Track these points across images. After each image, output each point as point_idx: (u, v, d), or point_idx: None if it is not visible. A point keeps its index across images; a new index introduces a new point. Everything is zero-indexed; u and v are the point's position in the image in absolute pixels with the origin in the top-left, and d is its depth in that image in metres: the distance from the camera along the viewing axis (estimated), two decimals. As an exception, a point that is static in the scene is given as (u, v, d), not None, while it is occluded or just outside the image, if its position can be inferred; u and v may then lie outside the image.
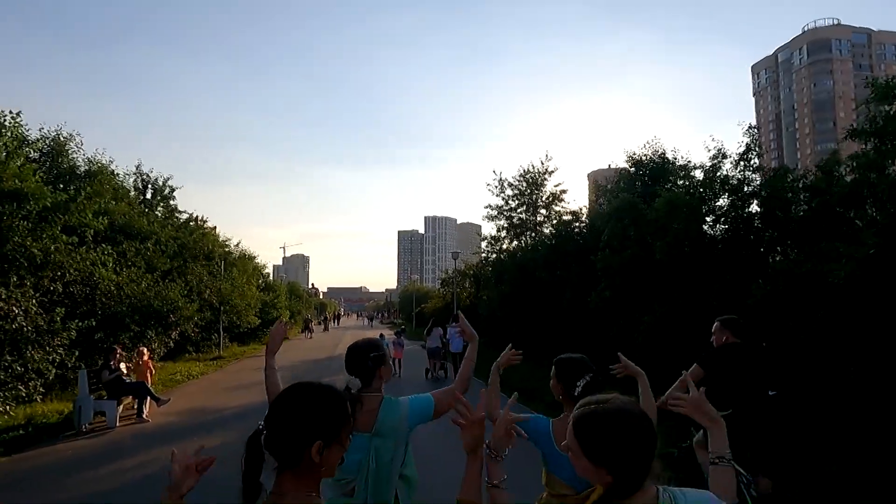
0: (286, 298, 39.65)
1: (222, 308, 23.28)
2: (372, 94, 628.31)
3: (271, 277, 45.48)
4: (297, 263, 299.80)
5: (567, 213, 26.42)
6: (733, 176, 11.59)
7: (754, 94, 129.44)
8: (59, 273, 10.38)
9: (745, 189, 11.11)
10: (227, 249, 29.23)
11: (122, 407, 10.56)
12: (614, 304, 12.73)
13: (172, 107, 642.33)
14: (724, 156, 12.38)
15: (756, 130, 12.52)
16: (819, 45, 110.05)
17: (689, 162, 12.62)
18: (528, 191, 29.70)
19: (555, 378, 2.63)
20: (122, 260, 14.12)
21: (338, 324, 66.53)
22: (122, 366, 10.64)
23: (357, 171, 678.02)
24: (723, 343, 4.96)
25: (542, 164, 29.48)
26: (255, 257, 34.03)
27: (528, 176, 29.66)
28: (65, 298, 12.65)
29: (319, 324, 56.97)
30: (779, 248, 11.69)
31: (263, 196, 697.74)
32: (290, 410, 1.43)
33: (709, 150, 12.58)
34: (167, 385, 14.29)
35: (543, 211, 29.73)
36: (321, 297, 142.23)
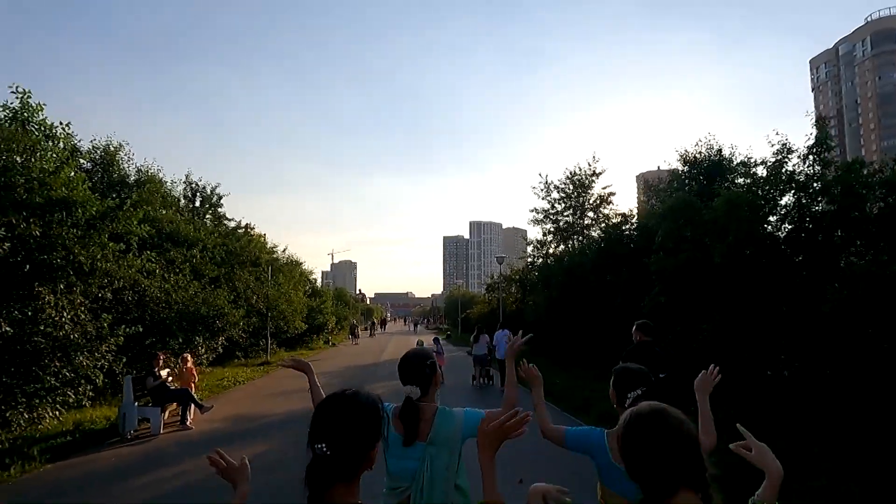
0: (332, 304, 39.97)
1: (269, 314, 23.51)
2: (418, 102, 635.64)
3: (319, 283, 45.95)
4: (345, 270, 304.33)
5: (617, 214, 25.52)
6: (801, 171, 10.75)
7: (813, 90, 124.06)
8: (106, 280, 10.49)
9: (815, 185, 10.25)
10: (274, 255, 29.62)
11: (167, 413, 10.60)
12: (669, 309, 12.03)
13: (225, 118, 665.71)
14: (790, 150, 11.56)
15: (827, 122, 11.62)
16: (884, 35, 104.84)
17: (750, 158, 11.81)
18: (575, 193, 28.97)
19: (611, 386, 2.63)
20: (170, 267, 14.31)
21: (384, 329, 67.45)
22: (166, 372, 10.68)
23: (403, 178, 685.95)
24: (637, 341, 6.37)
25: (590, 165, 28.72)
26: (301, 263, 34.42)
27: (574, 178, 28.95)
28: (117, 305, 12.89)
29: (366, 329, 57.49)
30: (852, 248, 10.79)
31: (313, 204, 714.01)
32: (352, 421, 1.42)
33: (772, 145, 11.79)
34: (214, 391, 14.39)
35: (591, 214, 28.95)
36: (368, 302, 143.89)
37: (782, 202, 11.49)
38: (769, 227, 11.09)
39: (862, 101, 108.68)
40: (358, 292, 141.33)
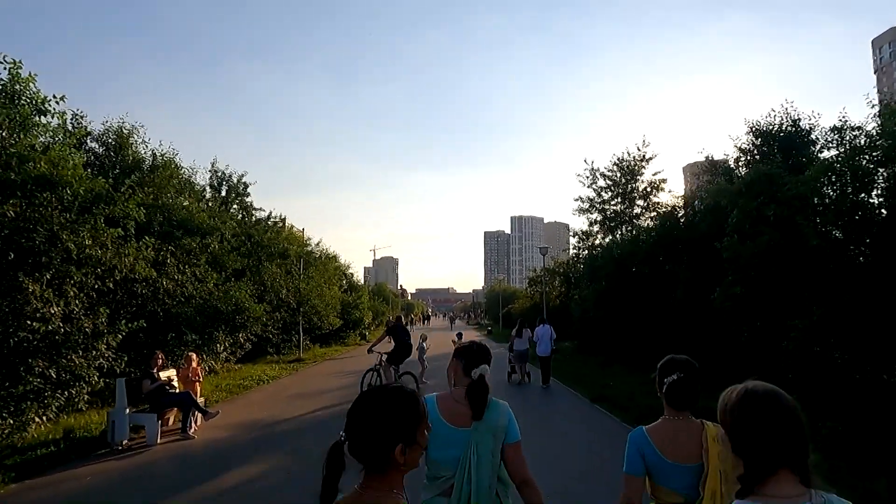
0: (369, 299, 38.87)
1: (301, 309, 22.49)
2: (459, 97, 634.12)
3: (361, 279, 44.79)
4: (387, 265, 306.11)
5: (676, 197, 23.58)
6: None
7: (876, 72, 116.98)
8: (100, 270, 9.39)
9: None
10: (307, 248, 28.65)
11: (171, 419, 9.49)
12: (747, 302, 10.20)
13: (271, 117, 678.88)
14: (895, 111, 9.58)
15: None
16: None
17: (845, 121, 9.84)
18: (623, 180, 27.16)
19: (656, 378, 2.51)
20: (186, 258, 13.27)
21: (428, 324, 69.03)
22: (171, 374, 9.55)
23: (444, 174, 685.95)
24: (394, 323, 13.74)
25: (639, 150, 26.84)
26: (336, 257, 33.38)
27: (623, 164, 27.15)
28: (129, 299, 11.92)
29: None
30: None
31: (355, 201, 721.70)
32: (369, 417, 1.44)
33: (872, 105, 9.84)
34: (233, 391, 13.28)
35: (641, 202, 27.06)
36: (409, 297, 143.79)
37: (881, 174, 9.51)
38: (876, 202, 9.13)
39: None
40: (399, 288, 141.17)
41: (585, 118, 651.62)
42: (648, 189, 26.92)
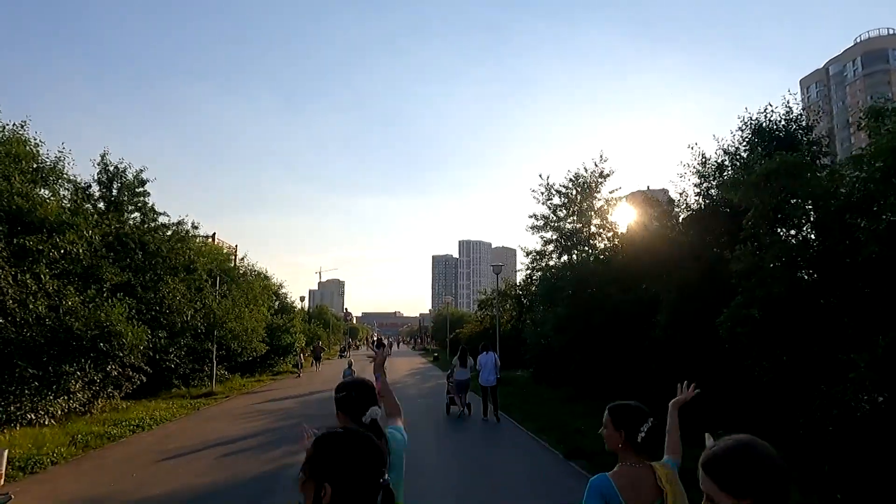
0: (304, 322, 35.18)
1: (215, 332, 19.03)
2: (409, 125, 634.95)
3: (295, 299, 40.63)
4: (333, 288, 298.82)
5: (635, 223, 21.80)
6: None
7: (804, 110, 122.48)
8: None
9: None
10: (229, 264, 25.19)
11: (-57, 504, 6.20)
12: (767, 329, 7.84)
13: (214, 138, 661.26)
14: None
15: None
16: (874, 55, 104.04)
17: (885, 99, 7.83)
18: (579, 198, 25.35)
19: (611, 426, 2.41)
20: (30, 265, 9.94)
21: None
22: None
23: (392, 198, 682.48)
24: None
25: (596, 165, 25.12)
26: (265, 274, 29.69)
27: (579, 180, 25.36)
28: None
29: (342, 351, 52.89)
30: None
31: (301, 224, 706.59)
32: (315, 454, 1.41)
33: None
34: (91, 445, 9.85)
35: (597, 221, 25.31)
36: (354, 321, 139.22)
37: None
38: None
39: (854, 120, 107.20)
40: (344, 311, 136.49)
41: (533, 149, 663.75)
42: (605, 207, 25.26)
